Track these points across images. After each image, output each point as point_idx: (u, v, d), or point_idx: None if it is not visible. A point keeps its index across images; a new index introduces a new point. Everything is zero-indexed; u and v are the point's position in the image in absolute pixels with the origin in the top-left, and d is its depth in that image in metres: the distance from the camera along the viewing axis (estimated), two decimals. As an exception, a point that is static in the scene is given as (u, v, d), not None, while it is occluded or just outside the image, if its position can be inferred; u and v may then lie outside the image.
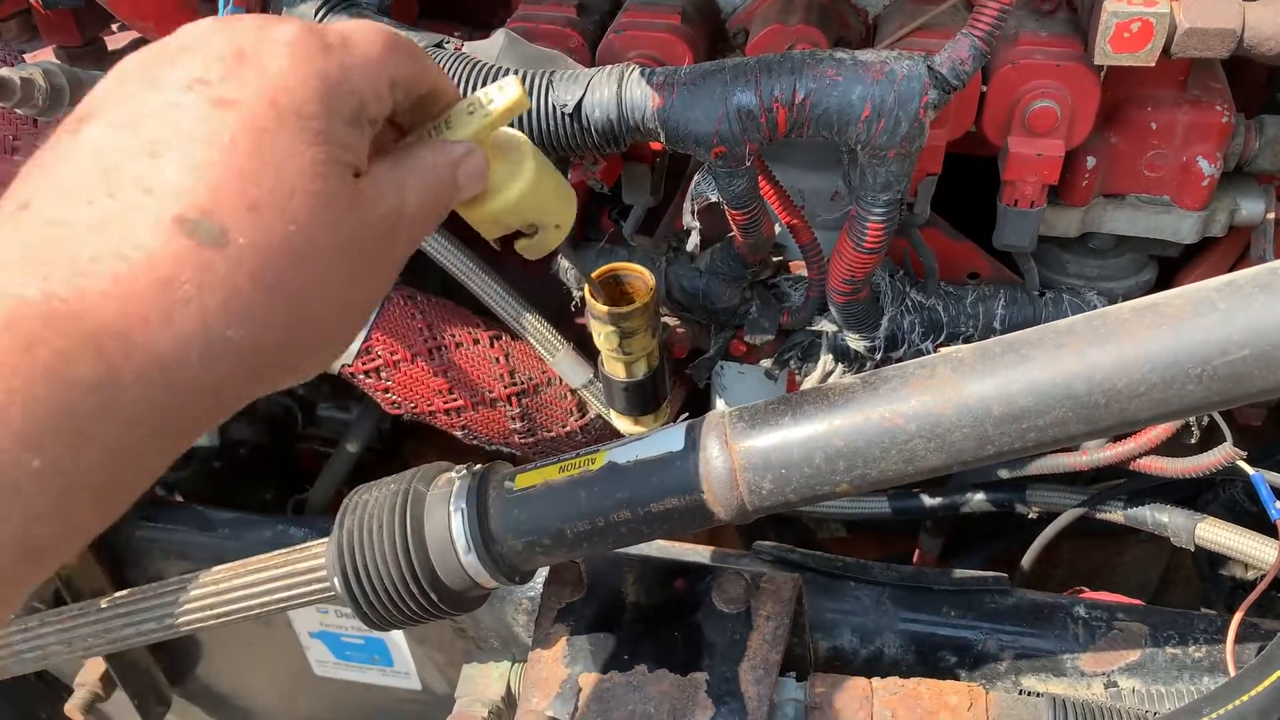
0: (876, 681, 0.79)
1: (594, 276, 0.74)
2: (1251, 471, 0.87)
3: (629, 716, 0.73)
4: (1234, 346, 0.54)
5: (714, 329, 0.99)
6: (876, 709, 0.77)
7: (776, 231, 0.86)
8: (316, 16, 0.79)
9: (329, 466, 1.32)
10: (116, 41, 1.15)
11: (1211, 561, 1.17)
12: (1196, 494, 1.09)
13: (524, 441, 1.07)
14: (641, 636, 0.78)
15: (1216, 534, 0.94)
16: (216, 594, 0.75)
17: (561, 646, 0.78)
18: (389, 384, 1.03)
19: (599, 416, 1.05)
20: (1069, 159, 0.82)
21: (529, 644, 0.80)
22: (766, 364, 0.99)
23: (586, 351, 1.00)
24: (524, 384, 1.04)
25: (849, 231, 0.76)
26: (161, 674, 1.22)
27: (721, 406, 0.92)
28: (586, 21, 0.89)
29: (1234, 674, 0.74)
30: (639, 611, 0.80)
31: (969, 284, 0.95)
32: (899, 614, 0.89)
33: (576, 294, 0.99)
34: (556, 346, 1.00)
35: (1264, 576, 0.86)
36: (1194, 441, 0.96)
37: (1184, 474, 0.91)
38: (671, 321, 1.00)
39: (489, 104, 0.55)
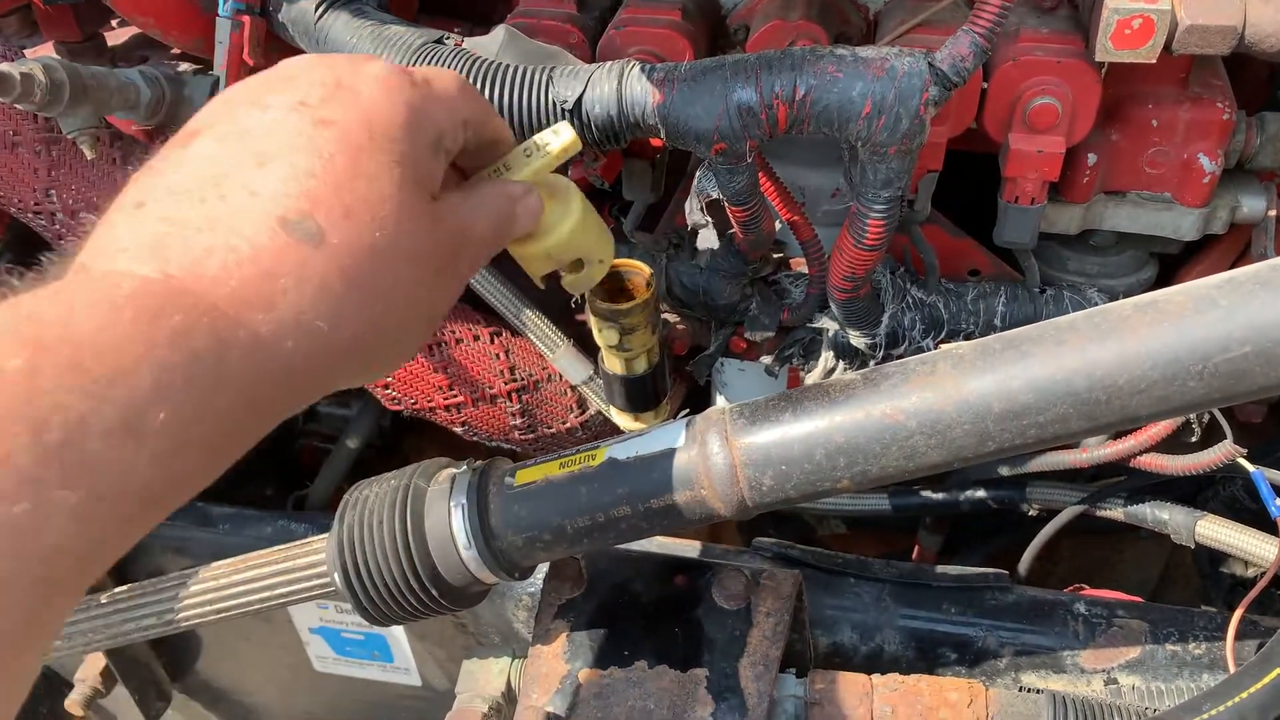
0: (876, 678, 0.79)
1: None
2: (1251, 469, 0.87)
3: (629, 712, 0.73)
4: (1235, 343, 0.54)
5: (714, 326, 0.99)
6: (876, 705, 0.77)
7: (777, 228, 0.86)
8: (317, 13, 0.79)
9: (329, 463, 1.32)
10: (116, 37, 1.15)
11: (1211, 559, 1.17)
12: (1196, 491, 1.09)
13: (524, 438, 1.07)
14: (642, 632, 0.78)
15: (1216, 531, 0.94)
16: (217, 589, 0.75)
17: (562, 642, 0.78)
18: (389, 380, 1.03)
19: (599, 413, 1.05)
20: (1070, 156, 0.82)
21: (529, 640, 0.80)
22: (767, 361, 0.99)
23: (587, 348, 1.00)
24: (524, 380, 1.04)
25: (850, 228, 0.76)
26: (162, 669, 1.22)
27: (721, 403, 0.92)
28: (587, 17, 0.89)
29: (1234, 671, 0.74)
30: (639, 607, 0.80)
31: (970, 281, 0.95)
32: (899, 610, 0.89)
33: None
34: (556, 343, 1.00)
35: (1264, 574, 0.86)
36: (1194, 439, 0.96)
37: (1184, 471, 0.91)
38: (672, 318, 1.00)
39: (545, 147, 0.61)
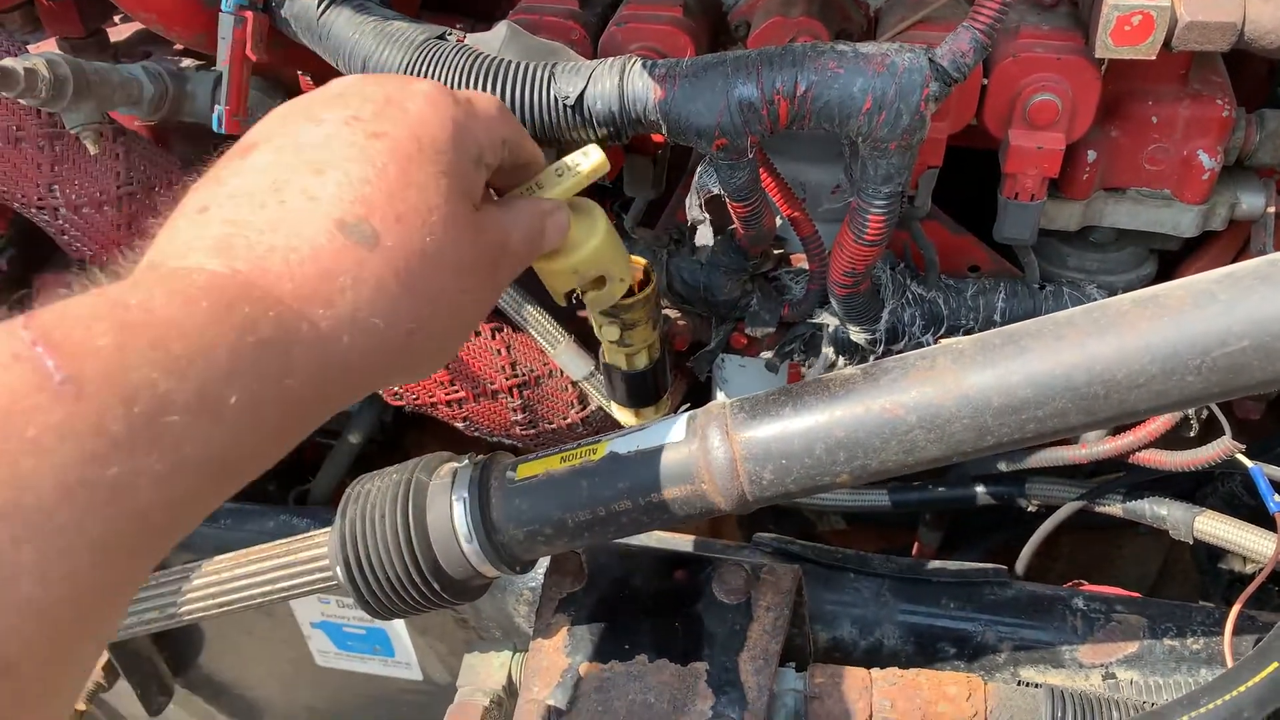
0: (876, 672, 0.79)
1: None
2: (1250, 465, 0.87)
3: (629, 706, 0.74)
4: (1233, 338, 0.54)
5: (715, 322, 0.99)
6: (876, 699, 0.77)
7: (778, 224, 0.87)
8: (319, 9, 0.79)
9: (331, 458, 1.33)
10: (119, 33, 1.16)
11: (1210, 555, 1.17)
12: (1195, 487, 1.09)
13: (525, 433, 1.07)
14: (642, 626, 0.78)
15: (1215, 527, 0.94)
16: (219, 583, 0.75)
17: (562, 636, 0.78)
18: (391, 375, 1.04)
19: (600, 409, 1.05)
20: (1070, 152, 0.82)
21: (530, 634, 0.81)
22: (767, 356, 0.99)
23: (588, 344, 1.00)
24: (525, 376, 1.04)
25: (850, 224, 0.76)
26: (164, 663, 1.22)
27: (722, 399, 0.93)
28: (588, 14, 0.89)
29: (1231, 666, 0.74)
30: (640, 602, 0.80)
31: (970, 277, 0.95)
32: (898, 605, 0.90)
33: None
34: (558, 339, 1.00)
35: (1262, 569, 0.86)
36: (1193, 435, 0.96)
37: (1183, 467, 0.92)
38: (673, 314, 1.00)
39: (575, 168, 0.65)
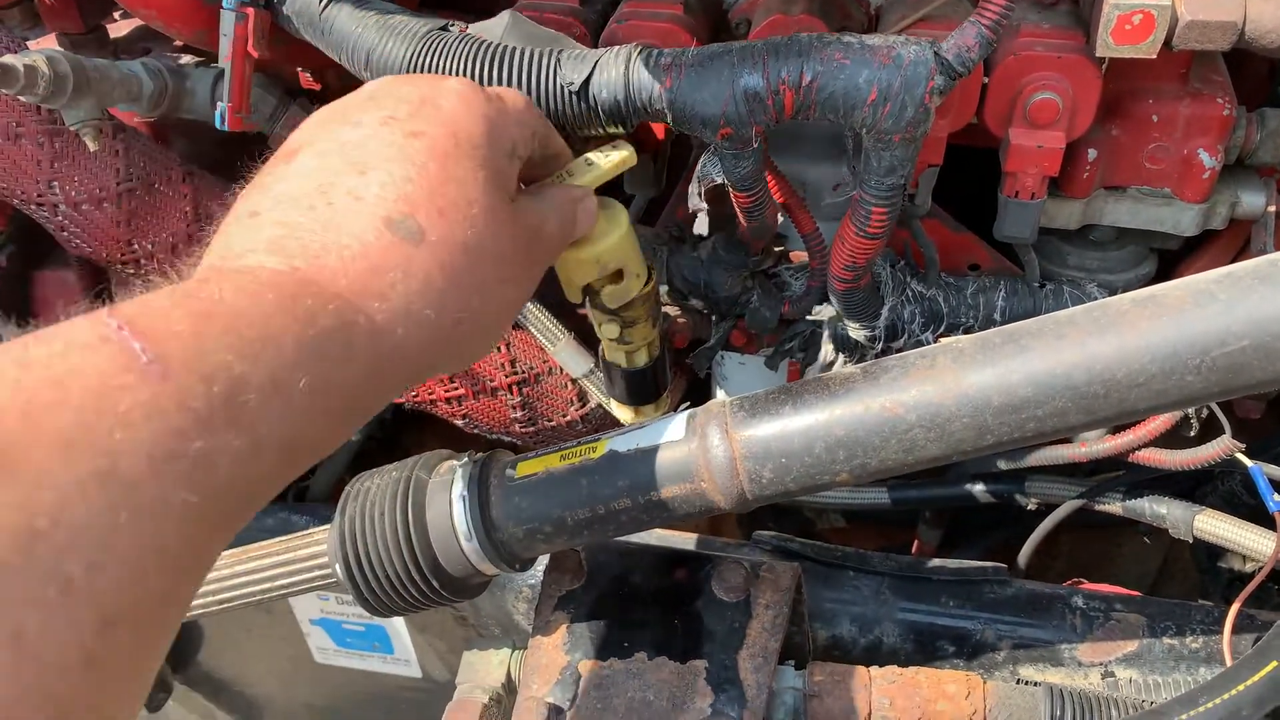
0: (875, 670, 0.79)
1: None
2: (1250, 464, 0.87)
3: (629, 703, 0.74)
4: (1233, 338, 0.54)
5: (715, 319, 0.99)
6: (875, 697, 0.77)
7: (780, 220, 0.87)
8: (321, 4, 0.79)
9: (330, 455, 1.33)
10: (118, 29, 1.15)
11: (1210, 554, 1.17)
12: (1195, 487, 1.09)
13: (525, 431, 1.07)
14: (641, 624, 0.78)
15: (1215, 526, 0.94)
16: (218, 580, 0.75)
17: (562, 634, 0.79)
18: (390, 373, 1.03)
19: (599, 406, 1.05)
20: (1070, 151, 0.82)
21: (529, 631, 0.81)
22: (767, 354, 0.99)
23: (587, 342, 1.00)
24: (525, 373, 1.04)
25: (852, 217, 0.76)
26: (163, 660, 1.22)
27: (722, 396, 0.93)
28: (589, 11, 0.89)
29: (1230, 664, 0.74)
30: (639, 599, 0.80)
31: (970, 275, 0.95)
32: (898, 603, 0.90)
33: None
34: (557, 336, 1.00)
35: (1262, 568, 0.86)
36: (1193, 434, 0.96)
37: (1183, 466, 0.92)
38: (672, 311, 1.00)
39: (603, 158, 0.67)
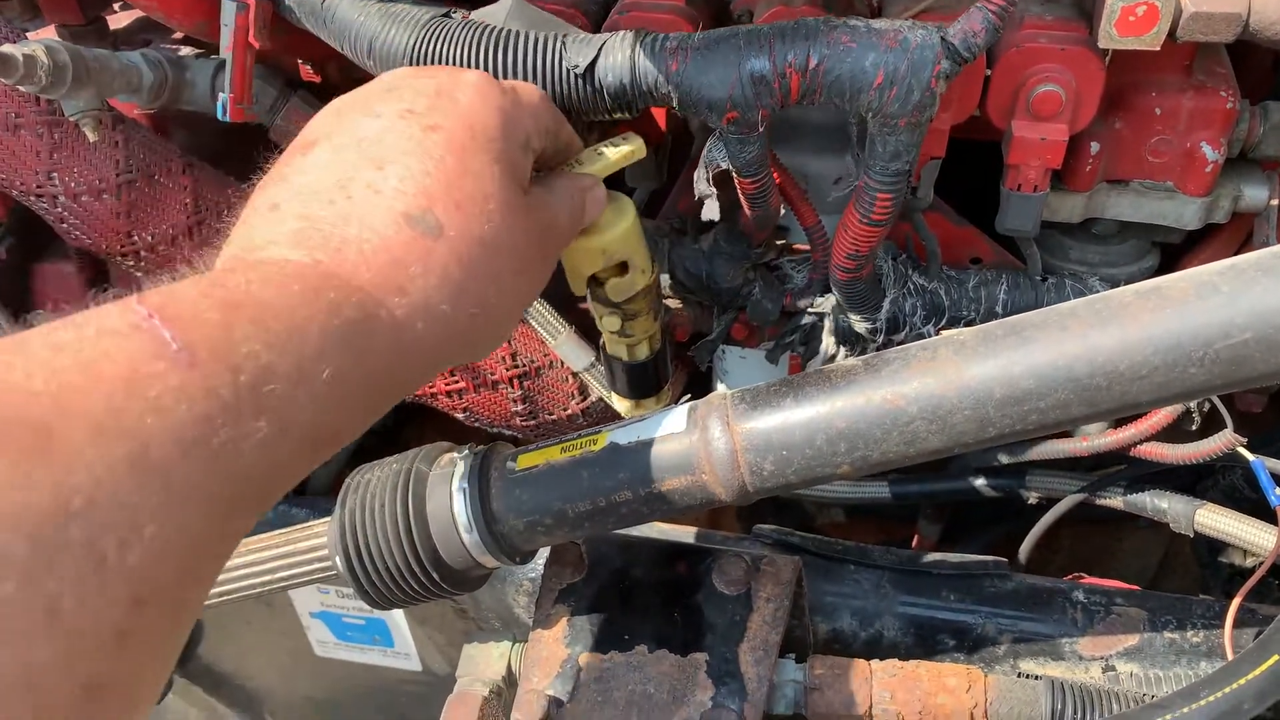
0: (875, 663, 0.79)
1: None
2: (1252, 458, 0.87)
3: (629, 696, 0.74)
4: (1236, 330, 0.54)
5: (716, 311, 0.99)
6: (875, 690, 0.77)
7: (783, 212, 0.86)
8: (320, -5, 0.79)
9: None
10: (118, 21, 1.15)
11: (1210, 548, 1.17)
12: (1195, 481, 1.09)
13: (525, 424, 1.07)
14: (642, 617, 0.78)
15: (1216, 520, 0.94)
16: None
17: (562, 627, 0.78)
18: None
19: (600, 400, 1.05)
20: (1072, 144, 0.82)
21: (529, 624, 0.81)
22: (768, 347, 0.99)
23: (588, 335, 1.00)
24: (526, 367, 1.04)
25: (856, 204, 0.76)
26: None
27: (723, 390, 0.92)
28: (590, 2, 0.89)
29: (1232, 658, 0.74)
30: (639, 592, 0.80)
31: (971, 269, 0.95)
32: (898, 597, 0.90)
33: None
34: (558, 329, 1.00)
35: (1263, 562, 0.86)
36: (1194, 428, 0.96)
37: (1185, 460, 0.92)
38: (674, 304, 1.00)
39: (612, 149, 0.68)
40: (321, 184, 0.51)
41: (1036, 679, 0.78)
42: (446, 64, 0.70)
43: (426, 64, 0.70)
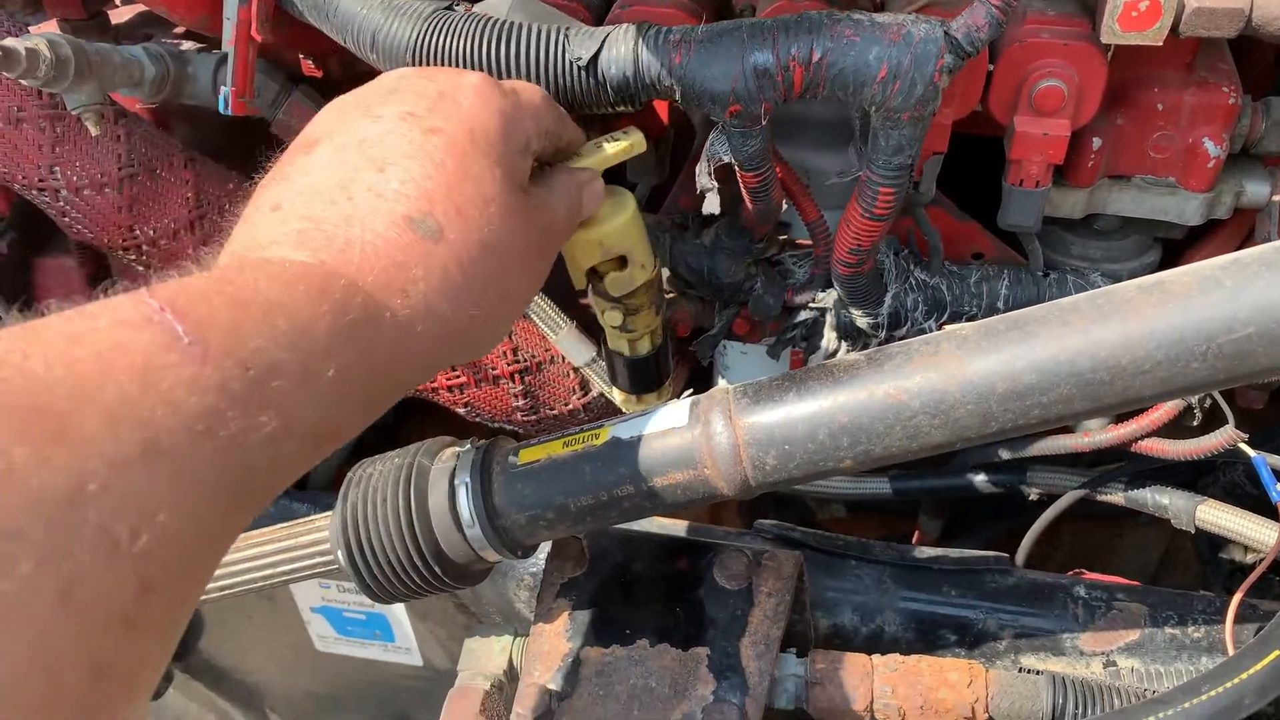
0: (877, 658, 0.79)
1: None
2: (1253, 454, 0.87)
3: (631, 690, 0.74)
4: (1239, 324, 0.54)
5: (718, 306, 0.99)
6: (877, 685, 0.77)
7: (784, 206, 0.86)
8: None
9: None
10: (119, 15, 1.15)
11: (1211, 544, 1.17)
12: (1196, 477, 1.09)
13: (526, 419, 1.07)
14: (643, 611, 0.78)
15: (1217, 516, 0.94)
16: (220, 566, 0.75)
17: (563, 621, 0.78)
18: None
19: (601, 395, 1.05)
20: (1074, 139, 0.82)
21: (530, 619, 0.81)
22: (770, 343, 0.99)
23: (590, 331, 1.00)
24: (527, 361, 1.04)
25: (858, 198, 0.76)
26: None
27: (724, 386, 0.92)
28: (593, -3, 0.89)
29: (1233, 653, 0.74)
30: (641, 587, 0.80)
31: (973, 264, 0.95)
32: (899, 592, 0.90)
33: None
34: (560, 324, 1.00)
35: (1263, 558, 0.86)
36: (1195, 424, 0.96)
37: (1186, 456, 0.92)
38: (676, 299, 1.00)
39: (612, 143, 0.68)
40: (323, 184, 0.52)
41: (1038, 674, 0.78)
42: (449, 57, 0.70)
43: (429, 57, 0.70)
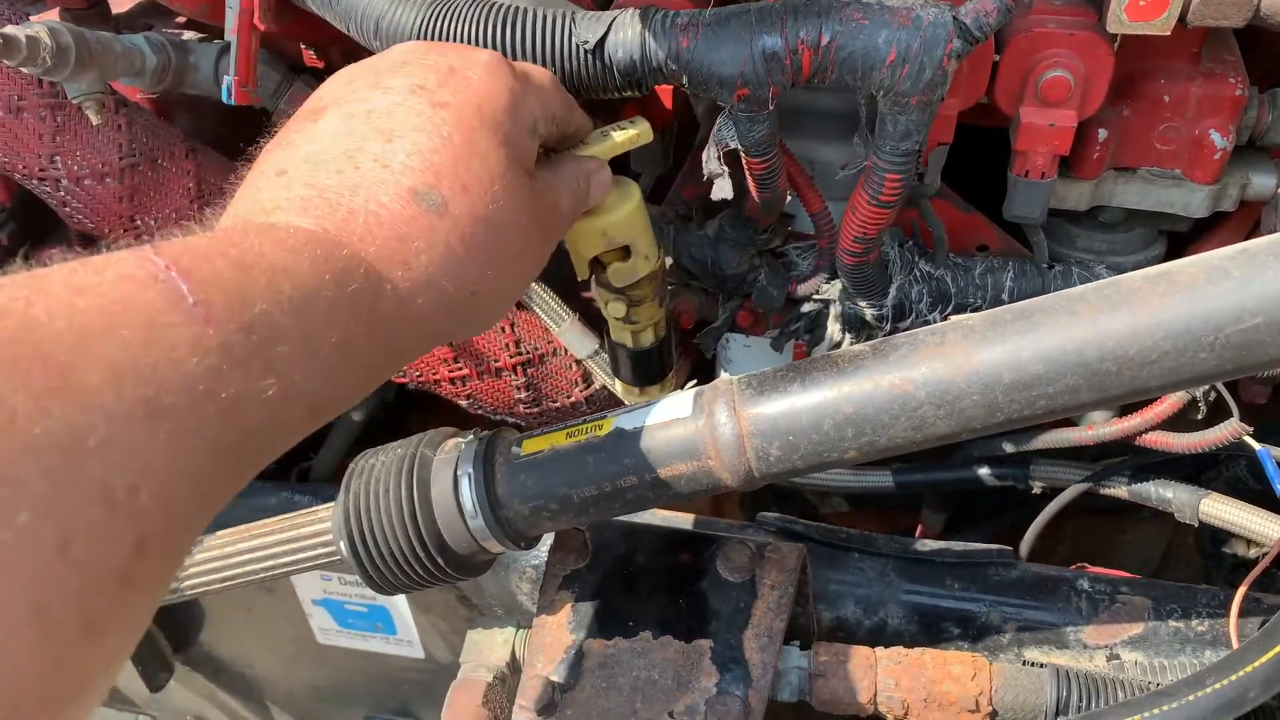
0: (880, 651, 0.79)
1: None
2: (1258, 447, 0.87)
3: (633, 682, 0.73)
4: (1247, 314, 0.54)
5: (722, 298, 0.99)
6: (880, 678, 0.77)
7: (789, 198, 0.86)
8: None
9: (333, 434, 1.32)
10: (120, 4, 1.15)
11: (1214, 539, 1.17)
12: (1199, 471, 1.09)
13: (529, 411, 1.07)
14: (646, 604, 0.78)
15: (1221, 510, 0.94)
16: (220, 558, 0.75)
17: (566, 613, 0.78)
18: (394, 352, 1.03)
19: (604, 387, 1.05)
20: (1080, 131, 0.82)
21: (533, 612, 0.81)
22: (773, 335, 0.99)
23: (592, 323, 1.00)
24: (529, 354, 1.04)
25: (865, 185, 0.75)
26: (165, 640, 1.22)
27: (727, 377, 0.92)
28: (596, -12, 0.89)
29: (1237, 647, 0.74)
30: (644, 579, 0.80)
31: (978, 256, 0.95)
32: (903, 585, 0.89)
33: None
34: (562, 316, 1.00)
35: (1267, 552, 0.86)
36: (1200, 417, 0.96)
37: (1190, 449, 0.91)
38: (679, 291, 0.99)
39: (619, 131, 0.68)
40: (330, 153, 0.52)
41: (1041, 667, 0.78)
42: (455, 42, 0.69)
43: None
